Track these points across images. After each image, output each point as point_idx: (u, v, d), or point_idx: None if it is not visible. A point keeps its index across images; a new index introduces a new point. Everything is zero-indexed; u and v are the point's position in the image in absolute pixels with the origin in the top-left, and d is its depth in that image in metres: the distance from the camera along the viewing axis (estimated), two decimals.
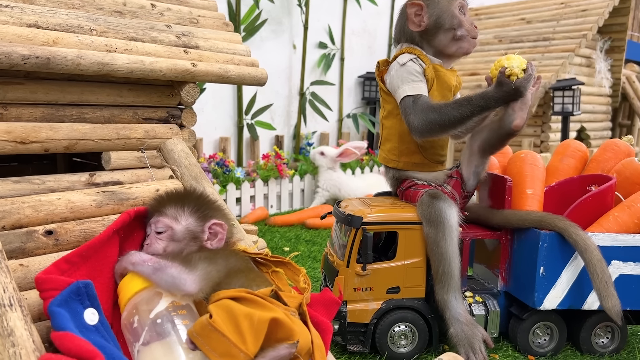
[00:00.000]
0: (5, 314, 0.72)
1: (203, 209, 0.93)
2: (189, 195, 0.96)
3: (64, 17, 1.33)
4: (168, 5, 1.66)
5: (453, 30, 1.36)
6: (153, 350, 0.77)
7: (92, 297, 0.79)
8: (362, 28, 3.79)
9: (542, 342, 1.36)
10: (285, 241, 2.31)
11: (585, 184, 1.50)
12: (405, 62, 1.36)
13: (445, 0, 1.37)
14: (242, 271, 0.88)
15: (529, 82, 1.21)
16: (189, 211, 0.94)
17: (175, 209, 0.92)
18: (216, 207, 0.97)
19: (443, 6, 1.37)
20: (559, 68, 3.07)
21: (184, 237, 0.92)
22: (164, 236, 0.91)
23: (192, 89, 1.55)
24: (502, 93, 1.23)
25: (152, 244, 0.89)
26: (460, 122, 1.27)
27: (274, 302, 0.82)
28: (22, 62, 1.16)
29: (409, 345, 1.31)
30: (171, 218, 0.92)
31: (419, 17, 1.38)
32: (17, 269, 0.85)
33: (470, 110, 1.25)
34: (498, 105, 1.26)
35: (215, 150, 2.98)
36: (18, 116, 1.27)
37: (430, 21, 1.37)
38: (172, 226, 0.92)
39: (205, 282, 0.84)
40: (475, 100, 1.25)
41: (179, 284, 0.82)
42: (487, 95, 1.25)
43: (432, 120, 1.27)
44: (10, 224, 0.88)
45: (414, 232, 1.30)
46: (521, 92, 1.22)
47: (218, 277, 0.85)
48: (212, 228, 0.94)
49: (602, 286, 1.17)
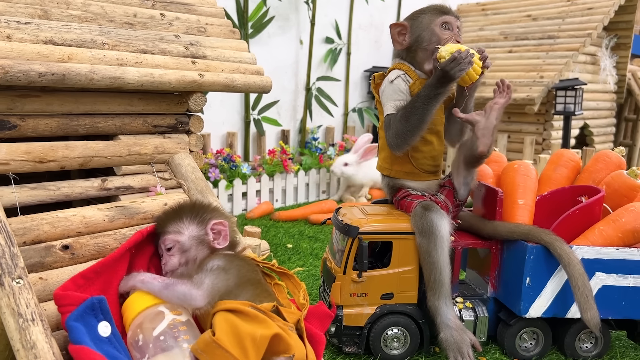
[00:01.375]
0: (28, 328, 0.80)
1: (200, 215, 1.00)
2: (183, 207, 1.02)
3: (78, 32, 1.39)
4: (177, 14, 1.72)
5: (431, 48, 1.40)
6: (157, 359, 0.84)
7: (105, 312, 0.87)
8: (369, 22, 3.82)
9: (529, 347, 1.43)
10: (288, 237, 2.38)
11: (575, 195, 1.56)
12: (393, 80, 1.43)
13: (427, 18, 1.43)
14: (252, 283, 0.95)
15: (456, 63, 1.28)
16: (188, 221, 1.00)
17: (175, 223, 0.99)
18: (213, 209, 1.04)
19: (424, 24, 1.43)
20: (562, 67, 3.10)
21: (191, 244, 0.99)
22: (174, 251, 0.98)
23: (200, 98, 1.62)
24: (435, 77, 1.32)
25: (167, 261, 0.97)
26: (422, 120, 1.34)
27: (274, 318, 0.89)
28: (39, 79, 1.23)
29: (401, 348, 1.39)
30: (174, 233, 0.99)
31: (403, 36, 1.45)
32: (37, 282, 0.93)
33: (421, 104, 1.33)
34: (439, 91, 1.32)
35: (223, 145, 3.06)
36: (35, 127, 1.35)
37: (411, 39, 1.43)
38: (177, 239, 0.99)
39: (212, 296, 0.90)
40: (420, 92, 1.34)
41: (189, 299, 0.89)
42: (427, 83, 1.34)
43: (401, 131, 1.36)
44: (31, 239, 0.96)
45: (407, 242, 1.37)
46: (447, 72, 1.28)
47: (227, 287, 0.91)
48: (214, 228, 1.00)
49: (583, 299, 1.24)
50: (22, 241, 0.95)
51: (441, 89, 1.32)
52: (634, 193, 1.50)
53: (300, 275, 1.94)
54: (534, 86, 3.09)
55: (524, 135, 3.29)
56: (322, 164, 3.16)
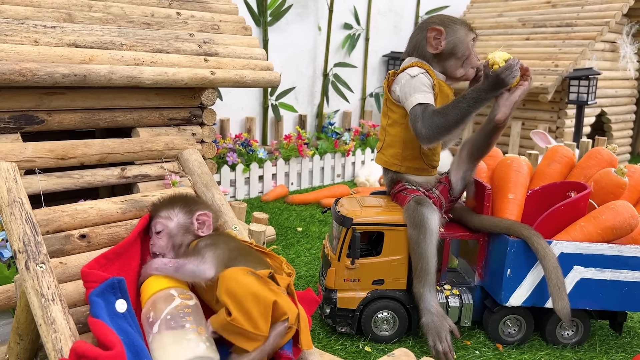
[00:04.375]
0: (49, 306, 0.95)
1: (189, 205, 1.13)
2: (176, 197, 1.16)
3: (99, 34, 1.52)
4: (192, 12, 1.83)
5: (463, 59, 1.52)
6: (163, 337, 0.98)
7: (123, 291, 1.01)
8: (389, 8, 3.86)
9: (512, 332, 1.53)
10: (299, 220, 2.51)
11: (566, 190, 1.63)
12: (416, 75, 1.50)
13: (463, 31, 1.52)
14: (243, 253, 1.08)
15: (510, 70, 1.35)
16: (178, 209, 1.13)
17: (167, 210, 1.12)
18: (201, 202, 1.17)
19: (460, 36, 1.51)
20: (577, 56, 3.11)
21: (178, 231, 1.12)
22: (162, 234, 1.11)
23: (212, 93, 1.74)
24: (487, 83, 1.38)
25: (155, 242, 1.11)
26: (461, 120, 1.41)
27: (270, 283, 1.02)
28: (63, 80, 1.36)
29: (390, 330, 1.51)
30: (165, 218, 1.12)
31: (437, 40, 1.52)
32: (58, 266, 1.07)
33: (466, 105, 1.39)
34: (488, 96, 1.39)
35: (242, 129, 3.18)
36: (60, 121, 1.49)
37: (447, 47, 1.51)
38: (166, 224, 1.13)
39: (218, 265, 1.04)
40: (468, 94, 1.41)
41: (199, 274, 1.03)
42: (477, 87, 1.40)
43: (437, 125, 1.40)
44: (53, 229, 1.10)
45: (398, 233, 1.47)
46: (502, 79, 1.35)
47: (224, 257, 1.05)
48: (199, 218, 1.13)
49: (555, 290, 1.34)
50: (46, 230, 1.09)
51: (491, 94, 1.39)
52: (620, 190, 1.57)
53: (306, 257, 2.07)
54: (548, 75, 3.11)
55: (538, 122, 3.32)
56: (337, 148, 3.25)
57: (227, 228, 1.20)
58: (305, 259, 2.06)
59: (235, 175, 2.82)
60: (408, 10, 3.99)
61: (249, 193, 2.90)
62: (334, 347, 1.48)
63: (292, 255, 2.09)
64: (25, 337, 1.09)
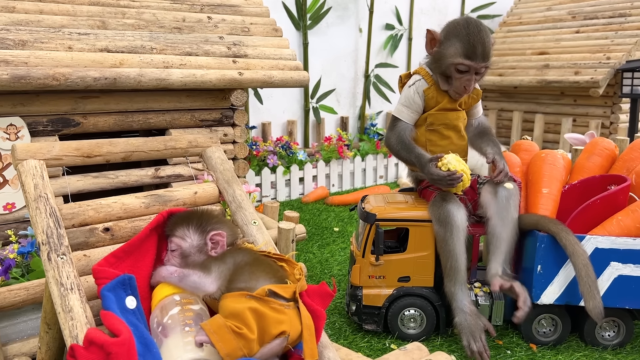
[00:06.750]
0: (67, 295, 0.99)
1: (204, 225, 1.15)
2: (192, 215, 1.17)
3: (130, 39, 1.58)
4: (223, 16, 1.87)
5: (446, 75, 1.47)
6: (163, 341, 1.01)
7: (133, 288, 1.04)
8: (432, 6, 3.81)
9: (547, 332, 1.47)
10: (337, 221, 2.51)
11: (606, 183, 1.56)
12: (411, 85, 1.52)
13: (453, 49, 1.42)
14: (248, 265, 1.09)
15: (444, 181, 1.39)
16: (193, 229, 1.15)
17: (182, 229, 1.14)
18: (217, 220, 1.18)
19: (449, 54, 1.43)
20: (631, 47, 2.96)
21: (191, 251, 1.15)
22: (176, 253, 1.15)
23: (241, 94, 1.77)
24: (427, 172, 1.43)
25: (169, 259, 1.14)
26: (404, 161, 1.55)
27: (269, 300, 1.02)
28: (94, 83, 1.43)
29: (418, 328, 1.48)
30: (179, 238, 1.15)
31: (432, 45, 1.49)
32: (82, 258, 1.11)
33: (413, 159, 1.48)
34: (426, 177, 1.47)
35: (284, 132, 3.21)
36: (95, 124, 1.56)
37: (435, 55, 1.49)
38: (180, 245, 1.15)
39: (220, 281, 1.06)
40: (415, 157, 1.47)
41: (201, 286, 1.06)
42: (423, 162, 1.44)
43: (390, 145, 1.55)
44: (78, 222, 1.15)
45: (423, 229, 1.45)
46: (436, 182, 1.42)
47: (228, 273, 1.06)
48: (213, 238, 1.15)
49: (586, 289, 1.27)
50: (71, 224, 1.14)
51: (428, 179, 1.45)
52: None
53: (340, 257, 2.06)
54: (599, 68, 2.98)
55: (590, 118, 3.18)
56: (379, 149, 3.23)
57: (245, 243, 1.22)
58: (340, 258, 2.05)
59: (276, 177, 2.85)
60: (453, 8, 3.93)
61: (289, 195, 2.93)
62: (359, 344, 1.46)
63: (327, 254, 2.09)
64: (52, 326, 1.14)
